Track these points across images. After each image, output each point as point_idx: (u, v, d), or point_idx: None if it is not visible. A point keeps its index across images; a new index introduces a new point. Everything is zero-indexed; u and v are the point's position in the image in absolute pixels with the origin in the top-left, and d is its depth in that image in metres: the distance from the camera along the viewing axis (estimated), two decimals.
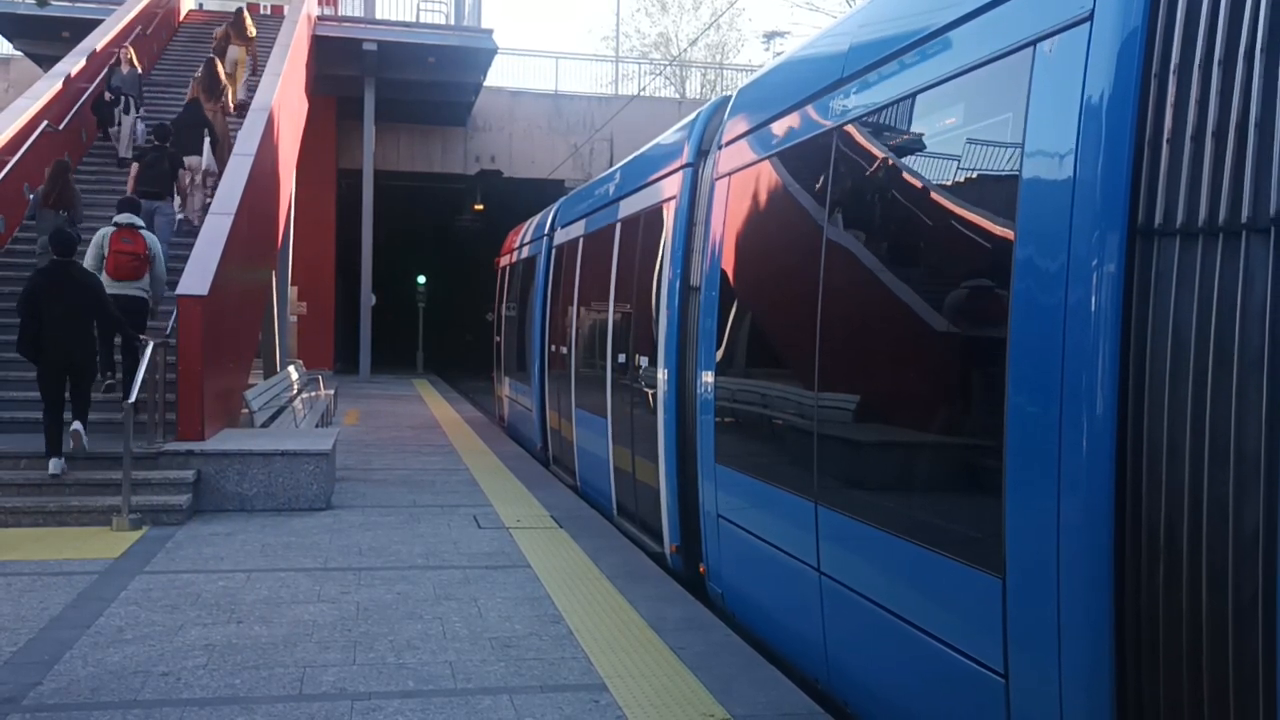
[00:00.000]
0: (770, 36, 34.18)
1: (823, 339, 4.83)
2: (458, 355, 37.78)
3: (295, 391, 15.87)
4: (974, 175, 3.83)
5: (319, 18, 24.40)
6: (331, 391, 18.61)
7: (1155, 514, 2.88)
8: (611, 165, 10.44)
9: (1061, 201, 3.21)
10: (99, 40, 16.86)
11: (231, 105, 15.74)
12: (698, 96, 33.52)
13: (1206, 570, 2.69)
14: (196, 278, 9.61)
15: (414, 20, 28.39)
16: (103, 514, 8.30)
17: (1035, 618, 3.23)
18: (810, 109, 5.21)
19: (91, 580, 6.66)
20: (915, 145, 4.24)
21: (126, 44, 16.21)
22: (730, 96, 6.94)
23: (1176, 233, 2.89)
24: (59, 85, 14.64)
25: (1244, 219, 2.70)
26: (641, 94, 30.00)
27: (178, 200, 12.75)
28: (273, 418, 12.84)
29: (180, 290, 9.47)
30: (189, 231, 12.12)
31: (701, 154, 7.33)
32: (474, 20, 29.85)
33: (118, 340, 9.65)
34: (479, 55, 26.17)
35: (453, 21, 29.68)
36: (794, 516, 5.06)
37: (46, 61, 21.52)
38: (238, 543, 7.84)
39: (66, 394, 8.58)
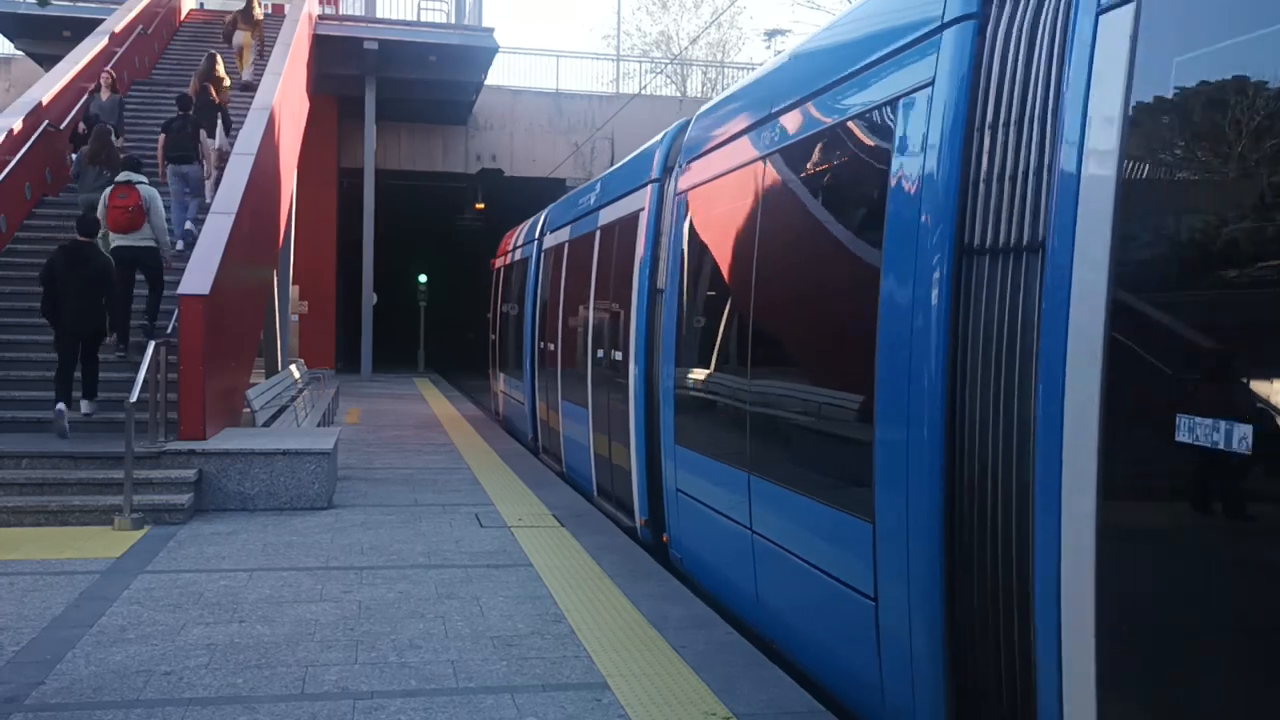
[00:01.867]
0: (771, 34, 34.12)
1: (754, 337, 5.79)
2: (459, 354, 37.79)
3: (297, 391, 15.88)
4: (857, 202, 4.72)
5: (320, 17, 24.39)
6: (333, 390, 18.61)
7: (971, 477, 3.79)
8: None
9: (913, 224, 4.09)
10: (99, 42, 16.86)
11: (225, 93, 15.98)
12: (699, 95, 33.51)
13: (1001, 518, 3.63)
14: (198, 277, 9.61)
15: (415, 19, 28.39)
16: (105, 513, 8.31)
17: (894, 554, 4.16)
18: (747, 139, 6.13)
19: (93, 580, 6.67)
20: (818, 176, 5.17)
21: (107, 68, 15.02)
22: (690, 120, 7.81)
23: (988, 250, 3.78)
24: (60, 85, 14.66)
25: (1025, 241, 3.59)
26: (642, 93, 30.00)
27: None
28: (274, 417, 12.85)
29: (182, 290, 9.48)
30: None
31: (667, 170, 8.13)
32: (475, 19, 29.86)
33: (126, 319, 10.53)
34: (480, 54, 26.16)
35: (453, 20, 29.69)
36: (733, 486, 5.97)
37: (48, 61, 21.53)
38: (239, 542, 7.85)
39: (79, 364, 9.53)
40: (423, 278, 36.65)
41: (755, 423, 5.70)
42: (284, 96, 15.86)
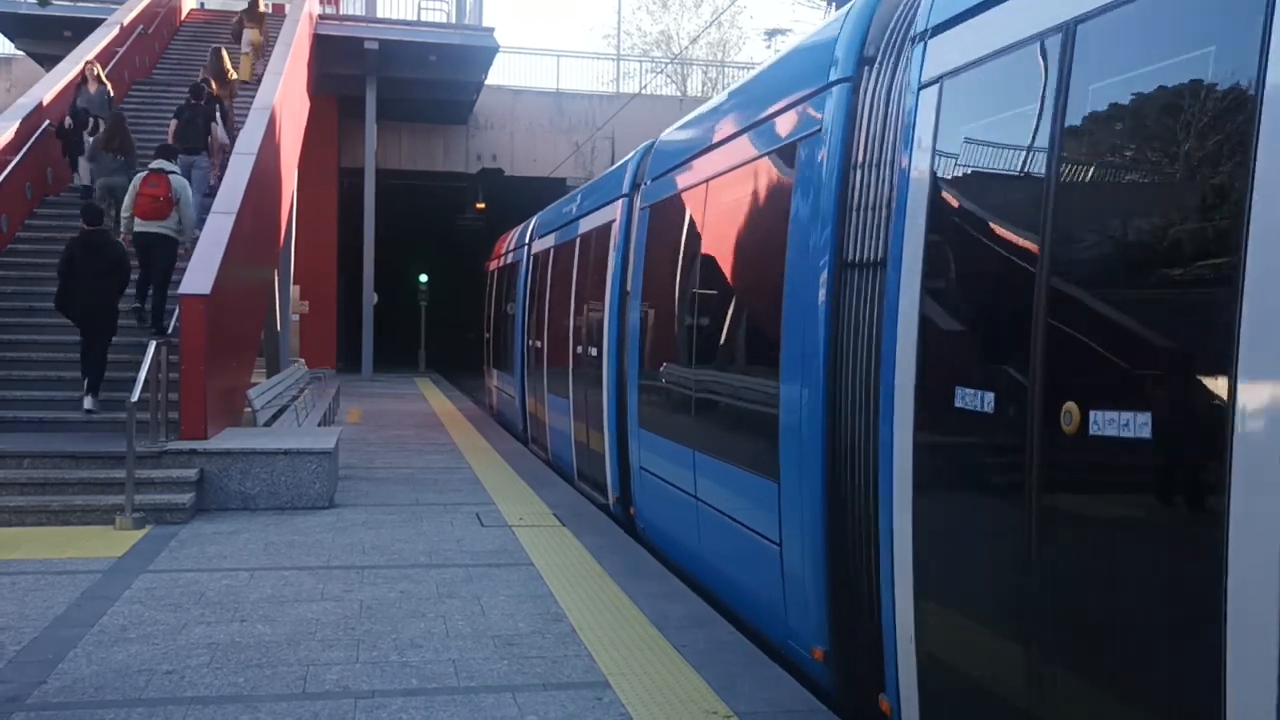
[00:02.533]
0: (772, 34, 34.10)
1: (696, 334, 6.86)
2: (459, 354, 37.77)
3: (298, 390, 15.89)
4: (769, 223, 5.68)
5: (320, 16, 24.41)
6: (334, 390, 18.62)
7: (843, 442, 4.79)
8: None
9: (806, 243, 5.09)
10: (100, 40, 16.87)
11: (236, 87, 16.56)
12: (699, 94, 33.50)
13: (860, 476, 4.63)
14: (199, 277, 9.61)
15: (415, 19, 28.41)
16: (106, 513, 8.31)
17: (791, 507, 5.17)
18: (693, 165, 7.22)
19: (95, 579, 6.67)
20: (742, 201, 6.18)
21: (93, 60, 14.77)
22: (654, 142, 8.90)
23: (858, 265, 4.77)
24: (61, 85, 14.66)
25: (879, 258, 4.57)
26: (643, 92, 29.99)
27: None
28: (275, 416, 12.85)
29: (183, 289, 9.48)
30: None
31: (635, 186, 9.13)
32: (475, 19, 29.87)
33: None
34: (480, 54, 26.17)
35: (454, 20, 29.70)
36: (682, 462, 6.99)
37: (48, 61, 21.54)
38: (241, 541, 7.85)
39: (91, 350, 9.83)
40: (423, 277, 36.67)
41: (698, 407, 6.75)
42: (285, 96, 15.87)
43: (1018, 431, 3.28)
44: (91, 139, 13.14)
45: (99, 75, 14.18)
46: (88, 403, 9.86)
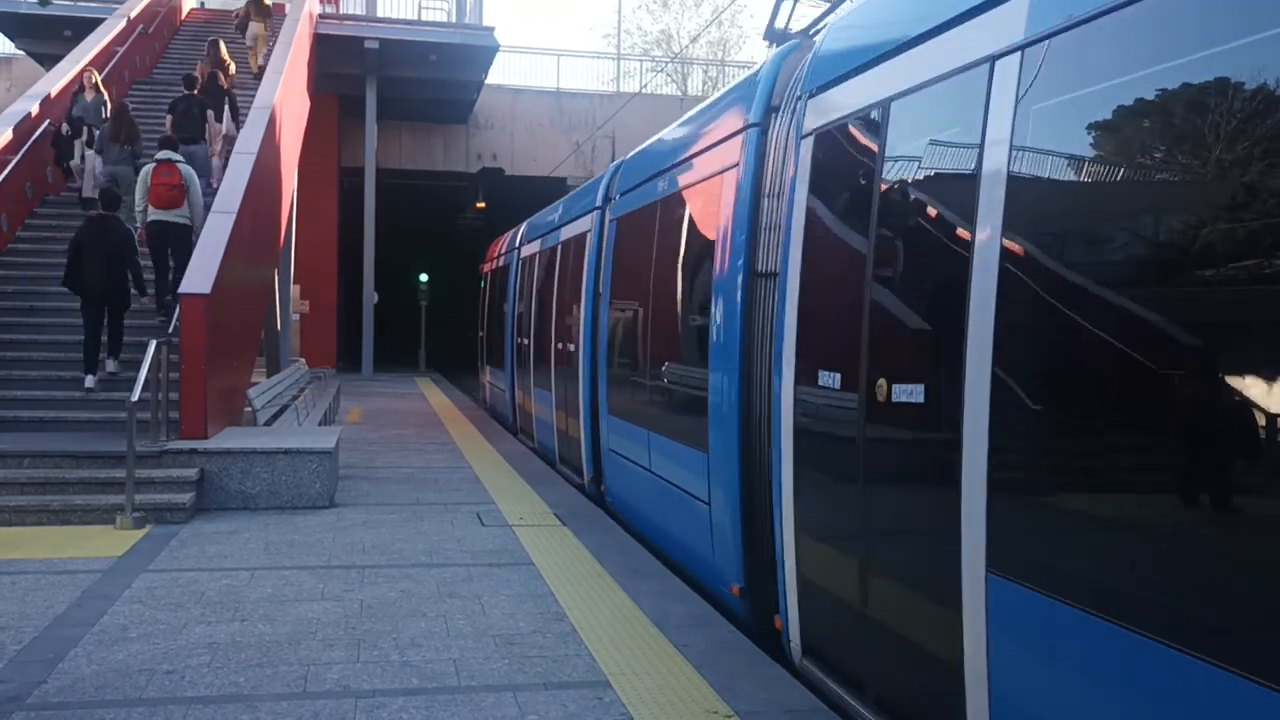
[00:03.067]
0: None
1: (650, 331, 8.20)
2: (460, 353, 37.77)
3: (298, 390, 15.88)
4: (702, 239, 6.95)
5: (320, 16, 24.40)
6: (334, 390, 18.62)
7: (752, 419, 5.97)
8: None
9: (726, 255, 6.32)
10: (101, 40, 16.86)
11: (228, 80, 16.40)
12: (699, 94, 33.47)
13: (764, 444, 5.78)
14: (199, 276, 9.61)
15: (415, 18, 28.41)
16: (106, 513, 8.31)
17: (717, 473, 6.33)
18: (646, 186, 8.50)
19: (95, 579, 6.67)
20: (682, 219, 7.44)
21: (90, 67, 14.66)
22: (622, 161, 10.19)
23: (764, 275, 5.96)
24: (61, 85, 14.65)
25: (776, 269, 5.64)
26: (643, 91, 29.98)
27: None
28: (275, 416, 12.85)
29: (183, 289, 9.48)
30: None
31: (607, 199, 10.21)
32: (475, 18, 29.86)
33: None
34: (480, 53, 26.16)
35: (454, 19, 29.69)
36: (639, 441, 8.23)
37: (48, 61, 21.55)
38: (241, 541, 7.85)
39: (105, 325, 10.24)
40: (424, 277, 36.66)
41: (650, 394, 8.05)
42: (285, 96, 15.86)
43: (851, 403, 4.41)
44: (97, 133, 13.28)
45: (96, 84, 14.01)
46: (89, 381, 10.12)
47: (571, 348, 11.03)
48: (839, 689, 4.62)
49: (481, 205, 32.82)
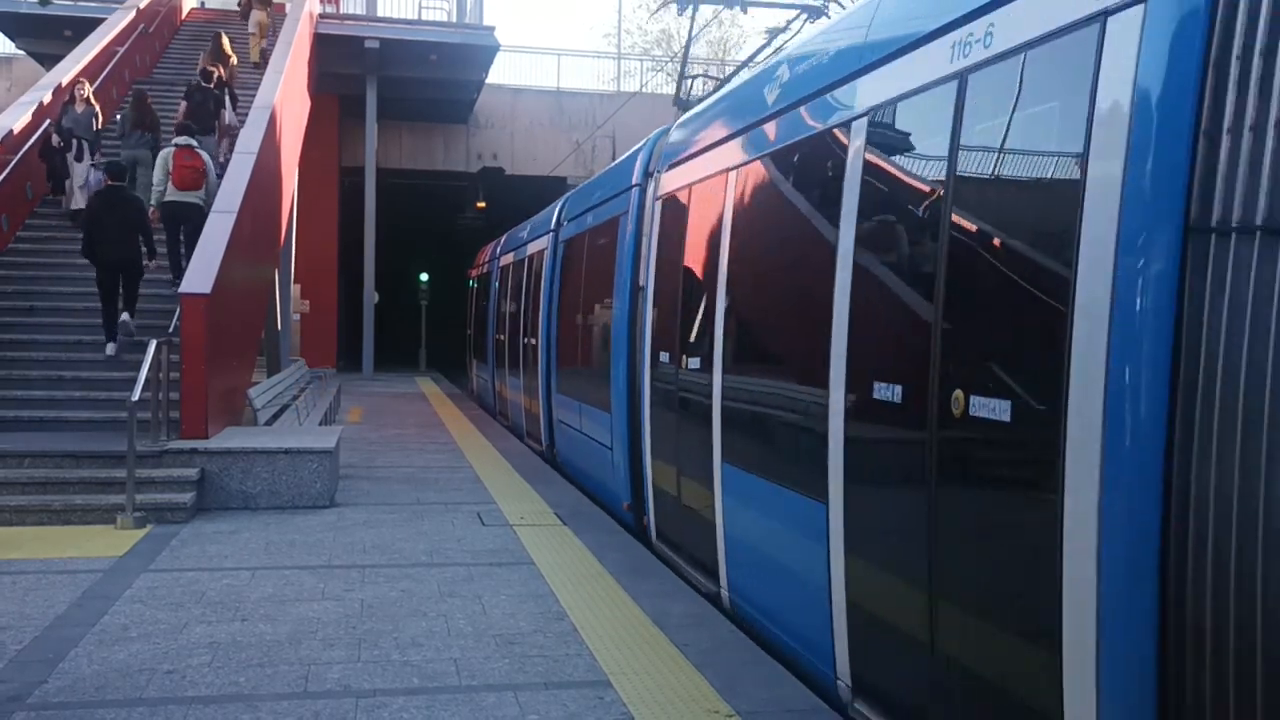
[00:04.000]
0: (773, 33, 34.02)
1: (582, 327, 10.75)
2: (460, 352, 37.76)
3: (298, 389, 15.88)
4: (609, 266, 9.38)
5: (321, 15, 24.39)
6: (334, 389, 18.61)
7: (634, 387, 8.28)
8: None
9: (622, 278, 8.94)
10: (100, 41, 16.85)
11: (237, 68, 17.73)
12: (700, 93, 33.41)
13: (639, 403, 8.20)
14: (200, 276, 9.61)
15: (416, 18, 28.38)
16: (107, 512, 8.31)
17: (617, 427, 8.81)
18: (577, 220, 11.47)
19: (96, 578, 6.67)
20: (598, 250, 10.03)
21: (82, 78, 14.27)
22: (568, 195, 13.23)
23: (641, 288, 8.32)
24: (61, 84, 14.64)
25: (644, 284, 8.26)
26: (643, 91, 29.95)
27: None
28: (276, 415, 12.85)
29: (184, 289, 9.48)
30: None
31: (559, 224, 12.80)
32: (475, 18, 29.84)
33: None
34: (481, 53, 26.15)
35: (454, 19, 29.67)
36: (573, 410, 10.92)
37: (49, 60, 21.53)
38: (242, 541, 7.85)
39: (120, 290, 10.74)
40: (424, 276, 36.61)
41: (582, 376, 10.61)
42: (285, 95, 15.86)
43: (671, 370, 7.24)
44: (118, 117, 13.90)
45: (88, 96, 13.61)
46: (110, 349, 10.64)
47: (533, 342, 13.81)
48: (672, 554, 7.51)
49: (482, 205, 32.78)
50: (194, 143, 11.91)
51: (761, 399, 5.87)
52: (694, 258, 7.21)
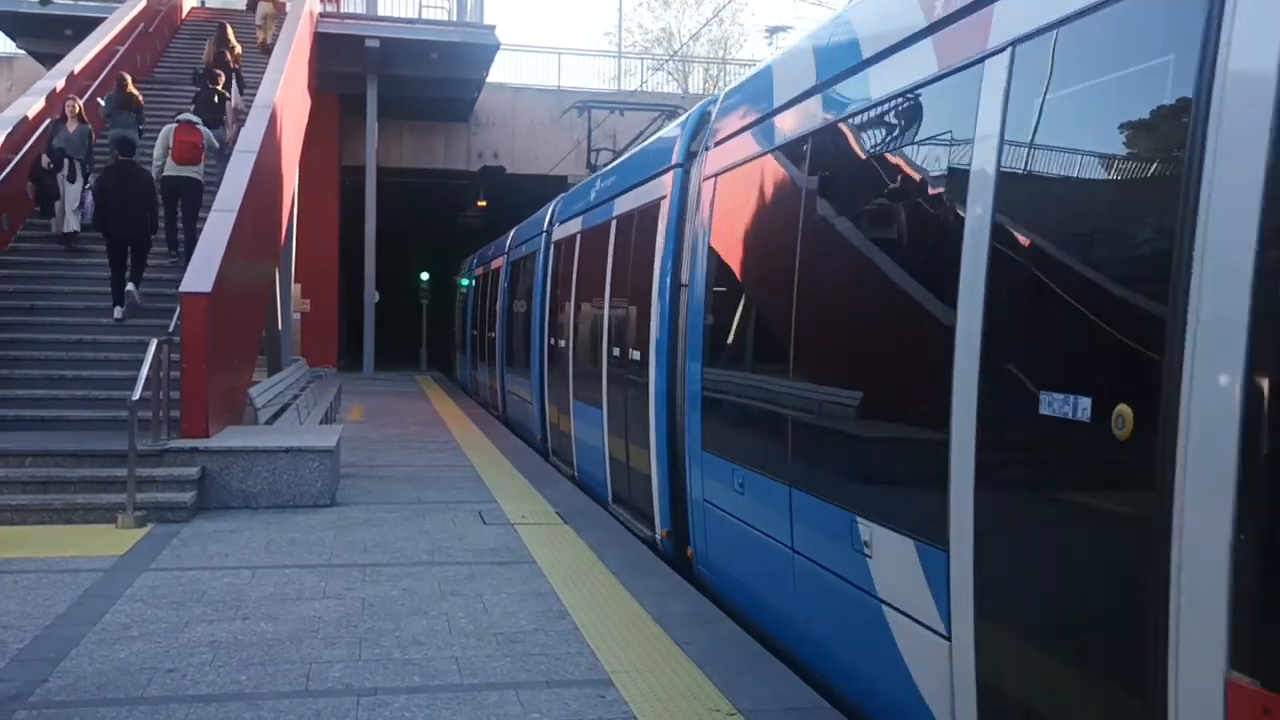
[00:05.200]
0: (773, 31, 33.96)
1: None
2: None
3: (299, 389, 15.88)
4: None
5: (321, 14, 24.39)
6: (335, 388, 18.61)
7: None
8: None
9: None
10: (100, 40, 16.85)
11: (262, 42, 20.00)
12: (700, 92, 33.41)
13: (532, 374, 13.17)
14: (200, 275, 9.61)
15: (416, 17, 28.37)
16: (108, 511, 8.31)
17: (534, 391, 13.60)
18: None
19: (97, 577, 6.67)
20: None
21: (72, 96, 13.91)
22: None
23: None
24: (61, 84, 14.65)
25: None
26: (643, 89, 29.93)
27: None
28: (277, 415, 12.85)
29: (184, 288, 9.47)
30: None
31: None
32: (476, 16, 29.82)
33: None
34: (481, 51, 26.14)
35: (455, 18, 29.66)
36: (514, 382, 15.59)
37: (49, 60, 21.51)
38: (243, 540, 7.85)
39: (128, 260, 11.23)
40: (425, 276, 36.62)
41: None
42: (286, 94, 15.86)
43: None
44: (103, 101, 14.56)
45: (79, 113, 13.33)
46: (117, 313, 11.14)
47: (492, 335, 17.87)
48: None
49: (482, 204, 32.77)
50: (195, 119, 12.46)
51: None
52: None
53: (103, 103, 14.63)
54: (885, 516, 4.21)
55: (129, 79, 14.36)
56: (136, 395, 8.34)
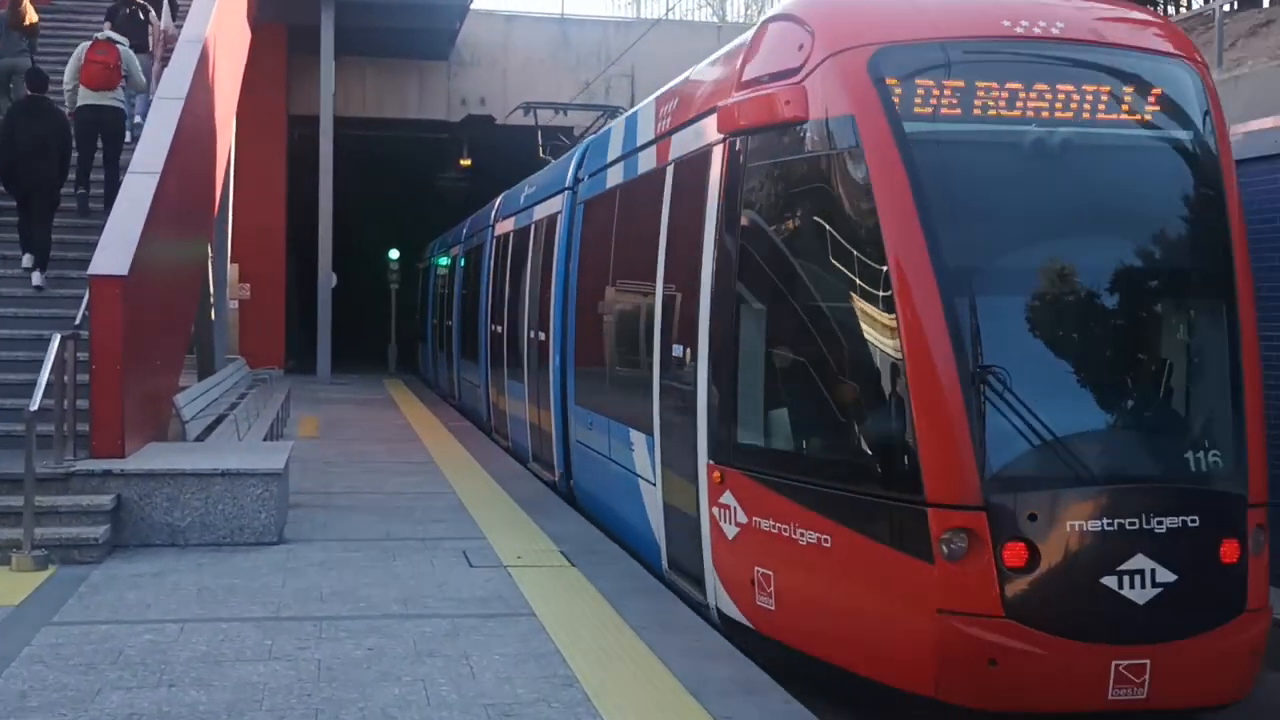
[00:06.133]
0: None
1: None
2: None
3: (238, 395, 15.96)
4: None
5: None
6: (283, 395, 18.72)
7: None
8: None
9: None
10: None
11: None
12: (741, 20, 33.43)
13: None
14: (114, 254, 9.61)
15: None
16: (0, 550, 8.35)
17: (440, 354, 25.73)
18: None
19: None
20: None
21: None
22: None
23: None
24: None
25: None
26: (669, 17, 29.94)
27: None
28: (210, 428, 12.93)
29: (94, 270, 9.48)
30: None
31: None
32: None
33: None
34: None
35: None
36: (478, 373, 19.65)
37: None
38: (168, 585, 7.89)
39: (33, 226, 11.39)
40: (394, 254, 36.72)
41: (464, 345, 21.07)
42: (220, 25, 15.90)
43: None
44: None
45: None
46: (36, 278, 11.30)
47: (434, 321, 26.96)
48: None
49: (467, 162, 32.89)
50: (115, 37, 12.62)
51: None
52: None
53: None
54: (636, 425, 9.01)
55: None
56: (35, 405, 8.37)
